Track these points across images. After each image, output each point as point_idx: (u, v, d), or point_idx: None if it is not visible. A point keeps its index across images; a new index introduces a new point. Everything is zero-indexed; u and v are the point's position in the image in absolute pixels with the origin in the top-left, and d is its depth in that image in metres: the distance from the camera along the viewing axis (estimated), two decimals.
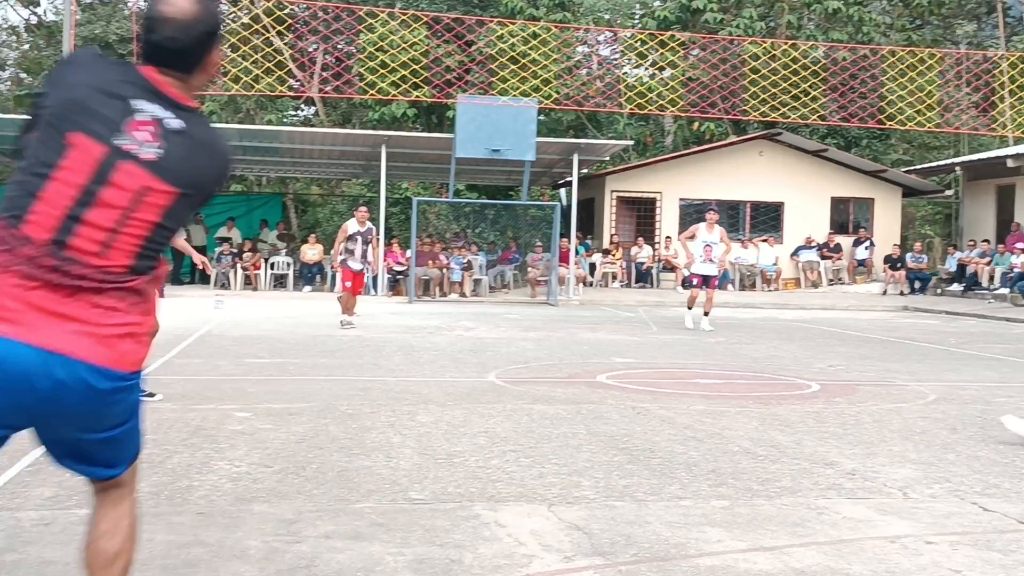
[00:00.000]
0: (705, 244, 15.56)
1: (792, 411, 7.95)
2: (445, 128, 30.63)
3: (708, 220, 15.79)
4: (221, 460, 5.72)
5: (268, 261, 25.48)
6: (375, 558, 4.04)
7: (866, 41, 32.02)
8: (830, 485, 5.47)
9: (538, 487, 5.26)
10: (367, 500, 4.93)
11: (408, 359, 10.98)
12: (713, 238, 15.60)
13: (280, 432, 6.57)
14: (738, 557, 4.17)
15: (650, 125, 36.58)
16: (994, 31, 41.25)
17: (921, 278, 27.34)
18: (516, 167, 25.26)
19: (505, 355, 11.61)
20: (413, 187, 34.10)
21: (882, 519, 4.81)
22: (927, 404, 8.50)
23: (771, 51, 26.64)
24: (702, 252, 15.58)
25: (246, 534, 4.32)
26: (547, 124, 31.76)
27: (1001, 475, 5.83)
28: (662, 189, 28.23)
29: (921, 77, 27.61)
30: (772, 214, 28.52)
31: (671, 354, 12.31)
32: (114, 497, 2.86)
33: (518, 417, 7.35)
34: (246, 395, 8.11)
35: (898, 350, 13.52)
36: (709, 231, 15.64)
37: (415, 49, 28.08)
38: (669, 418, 7.47)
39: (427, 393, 8.44)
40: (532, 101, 22.50)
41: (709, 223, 15.71)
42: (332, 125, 33.80)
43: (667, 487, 5.33)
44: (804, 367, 11.15)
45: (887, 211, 29.31)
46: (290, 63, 30.47)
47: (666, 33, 28.61)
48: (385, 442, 6.32)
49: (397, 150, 24.96)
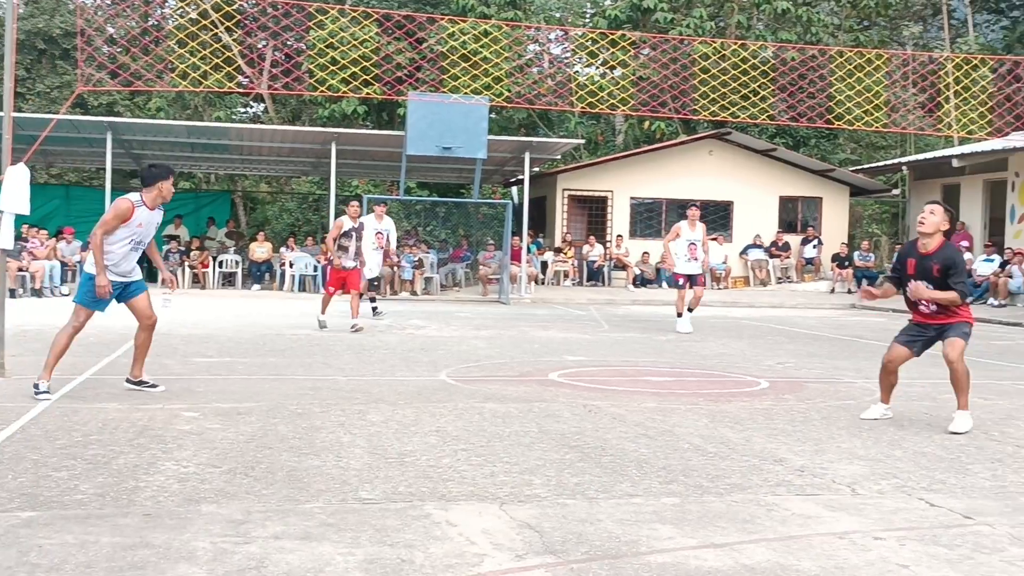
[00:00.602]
0: (689, 243, 15.00)
1: (742, 408, 8.01)
2: (396, 126, 30.53)
3: (690, 217, 15.17)
4: (168, 460, 5.64)
5: (216, 259, 25.22)
6: (325, 558, 4.00)
7: (814, 41, 32.36)
8: (779, 482, 5.51)
9: (489, 486, 5.24)
10: (317, 500, 4.89)
11: (358, 358, 10.91)
12: (696, 236, 15.05)
13: (228, 432, 6.49)
14: (689, 554, 4.18)
15: (601, 124, 36.70)
16: (939, 33, 41.90)
17: (868, 276, 27.67)
18: (467, 165, 25.26)
19: (456, 353, 11.58)
20: (363, 185, 33.93)
21: (831, 515, 4.85)
22: (874, 401, 8.57)
23: (721, 51, 26.81)
24: (686, 251, 15.02)
25: (194, 535, 4.26)
26: (498, 122, 31.74)
27: (947, 471, 5.91)
28: (613, 188, 28.34)
29: (868, 78, 27.91)
30: (721, 213, 28.73)
31: (622, 352, 12.35)
32: None
33: (469, 416, 7.33)
34: (194, 394, 8.01)
35: (846, 347, 13.67)
36: (691, 228, 15.08)
37: (366, 46, 27.92)
38: (620, 416, 7.48)
39: (377, 392, 8.39)
40: (483, 99, 22.47)
41: (691, 220, 15.11)
42: (281, 122, 33.54)
43: (618, 485, 5.34)
44: (753, 364, 11.24)
45: (835, 210, 29.66)
46: (239, 59, 30.19)
47: (617, 32, 28.67)
48: (335, 441, 6.27)
49: (347, 147, 24.83)
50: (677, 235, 15.18)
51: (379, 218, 16.64)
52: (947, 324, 7.29)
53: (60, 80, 34.59)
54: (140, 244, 8.08)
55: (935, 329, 7.38)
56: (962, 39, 39.89)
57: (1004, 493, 5.40)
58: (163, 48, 28.54)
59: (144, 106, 34.79)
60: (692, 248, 15.01)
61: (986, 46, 40.09)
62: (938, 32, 42.60)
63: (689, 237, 15.06)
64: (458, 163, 25.41)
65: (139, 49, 28.48)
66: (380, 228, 16.55)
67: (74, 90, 25.75)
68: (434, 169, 28.74)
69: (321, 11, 27.15)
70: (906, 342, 7.55)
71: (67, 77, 34.55)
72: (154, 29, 31.61)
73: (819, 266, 28.49)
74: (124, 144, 25.23)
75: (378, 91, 27.97)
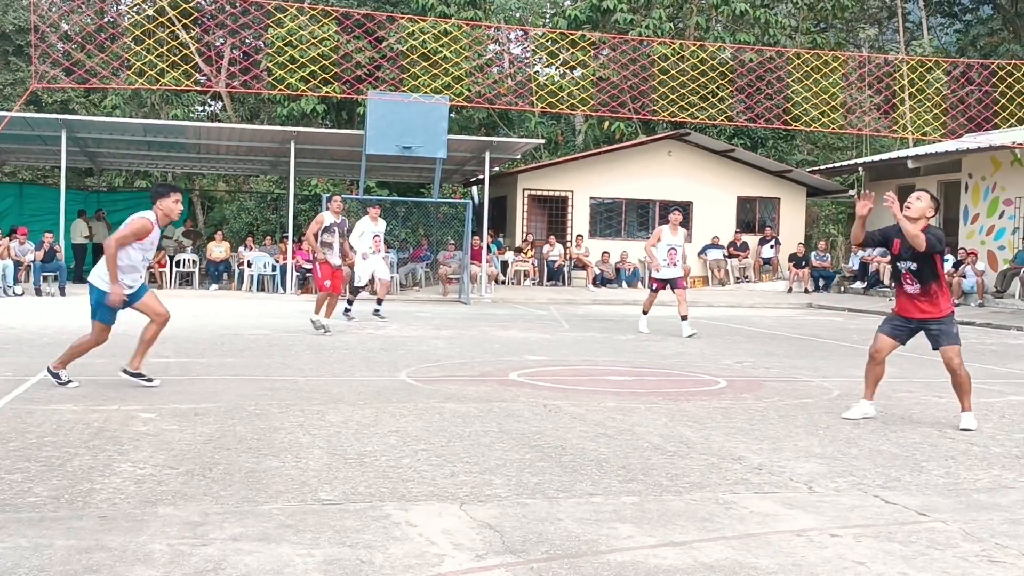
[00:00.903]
0: (669, 247, 14.79)
1: (700, 407, 8.05)
2: (355, 124, 30.41)
3: (672, 222, 14.98)
4: (125, 462, 5.58)
5: (173, 259, 24.99)
6: (284, 560, 3.98)
7: (772, 43, 32.62)
8: (738, 480, 5.55)
9: (449, 486, 5.24)
10: (276, 501, 4.86)
11: (318, 358, 10.86)
12: (678, 240, 14.86)
13: (186, 433, 6.44)
14: (648, 553, 4.20)
15: (561, 124, 36.78)
16: (895, 36, 42.41)
17: (825, 276, 27.98)
18: (427, 164, 25.20)
19: (416, 353, 11.55)
20: (322, 184, 33.76)
21: (788, 513, 4.89)
22: (831, 400, 8.68)
23: (680, 52, 26.94)
24: (666, 256, 14.79)
25: (150, 537, 4.22)
26: (458, 122, 31.72)
27: (902, 468, 5.98)
28: (573, 188, 28.41)
29: (825, 79, 28.22)
30: (681, 213, 28.87)
31: (582, 352, 12.38)
32: None
33: (430, 416, 7.31)
34: (150, 395, 7.93)
35: (803, 347, 13.79)
36: (673, 233, 14.89)
37: (325, 45, 27.79)
38: (580, 415, 7.50)
39: (337, 392, 8.36)
40: (443, 98, 22.44)
41: (673, 224, 14.94)
42: (240, 120, 33.31)
43: (578, 484, 5.35)
44: (712, 364, 11.31)
45: (792, 210, 29.92)
46: (196, 57, 29.95)
47: (577, 33, 28.75)
48: (294, 442, 6.24)
49: (306, 146, 24.69)
50: (659, 240, 14.98)
51: (374, 220, 16.04)
52: (930, 319, 7.41)
53: (13, 77, 34.14)
54: (148, 257, 8.48)
55: (916, 323, 7.51)
56: (917, 42, 40.42)
57: (957, 490, 5.47)
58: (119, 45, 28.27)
59: (100, 104, 34.42)
60: (672, 253, 14.81)
61: (940, 49, 40.67)
62: (893, 35, 43.15)
63: (671, 242, 14.85)
64: (418, 162, 25.36)
65: (94, 46, 28.18)
66: (378, 231, 16.05)
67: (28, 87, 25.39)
68: (394, 168, 28.66)
69: (280, 9, 27.01)
70: (891, 332, 7.63)
71: (20, 74, 34.11)
72: (110, 26, 31.27)
73: (776, 266, 28.73)
74: (79, 142, 24.93)
75: (337, 90, 27.86)
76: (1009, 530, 4.67)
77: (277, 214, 32.33)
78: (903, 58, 30.63)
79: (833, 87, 28.97)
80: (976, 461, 6.24)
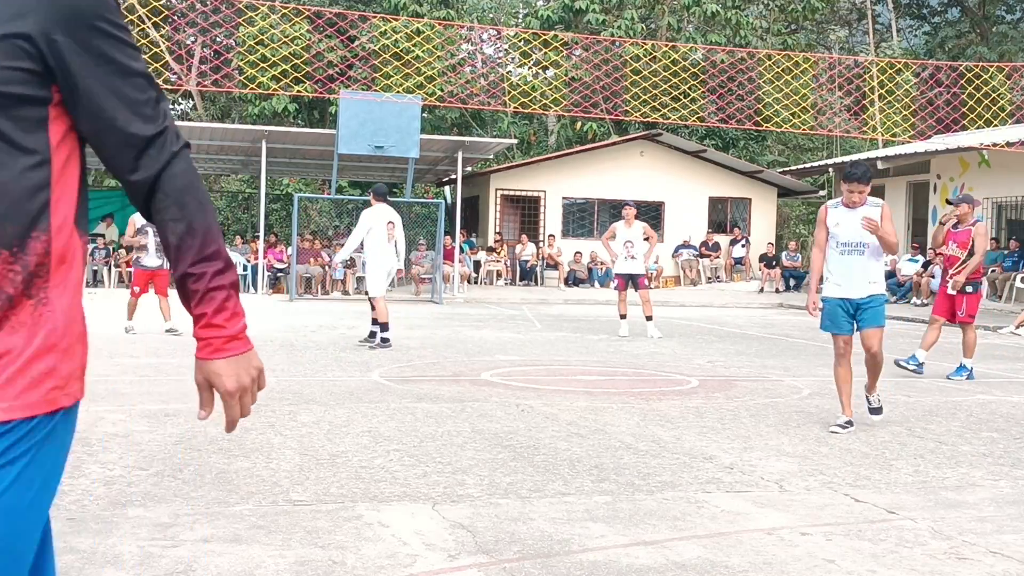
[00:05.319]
0: (626, 241, 14.73)
1: (672, 407, 8.08)
2: (327, 124, 30.31)
3: (625, 217, 14.90)
4: (94, 463, 5.53)
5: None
6: (255, 561, 3.96)
7: (744, 44, 32.79)
8: (709, 479, 5.57)
9: (422, 486, 5.23)
10: (247, 502, 4.83)
11: (289, 358, 10.81)
12: (633, 234, 14.74)
13: (156, 434, 6.39)
14: (620, 552, 4.21)
15: (534, 124, 36.81)
16: (865, 37, 42.73)
17: (796, 276, 28.13)
18: (400, 164, 25.14)
19: (389, 353, 11.53)
20: (294, 183, 33.63)
21: (759, 511, 4.91)
22: (802, 399, 8.73)
23: (652, 52, 27.05)
24: (623, 250, 14.78)
25: (120, 539, 4.19)
26: (431, 121, 31.68)
27: (871, 467, 6.03)
28: (545, 188, 28.44)
29: (796, 80, 28.36)
30: (653, 213, 28.96)
31: (555, 351, 12.39)
32: None
33: (402, 416, 7.30)
34: (120, 396, 7.87)
35: (774, 346, 13.87)
36: (628, 227, 14.79)
37: (297, 43, 27.68)
38: (553, 415, 7.51)
39: (309, 392, 8.32)
40: (416, 98, 22.40)
41: (627, 220, 14.83)
42: (211, 119, 33.10)
43: (551, 484, 5.36)
44: (684, 363, 11.35)
45: (763, 211, 30.08)
46: (167, 55, 29.72)
47: (549, 33, 28.79)
48: (265, 443, 6.21)
49: (278, 145, 24.58)
50: (613, 235, 15.00)
51: None
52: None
53: None
54: None
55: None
56: (886, 43, 40.76)
57: (926, 488, 5.52)
58: None
59: None
60: (628, 246, 14.76)
61: (909, 51, 41.01)
62: (863, 37, 43.49)
63: (625, 236, 14.83)
64: (390, 162, 25.29)
65: None
66: (391, 217, 12.78)
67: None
68: (366, 168, 28.57)
69: (251, 7, 26.87)
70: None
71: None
72: None
73: (748, 266, 28.87)
74: None
75: (309, 89, 27.76)
76: (977, 527, 4.72)
77: (248, 214, 32.17)
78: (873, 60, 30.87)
79: (804, 88, 29.13)
80: (944, 459, 6.29)
